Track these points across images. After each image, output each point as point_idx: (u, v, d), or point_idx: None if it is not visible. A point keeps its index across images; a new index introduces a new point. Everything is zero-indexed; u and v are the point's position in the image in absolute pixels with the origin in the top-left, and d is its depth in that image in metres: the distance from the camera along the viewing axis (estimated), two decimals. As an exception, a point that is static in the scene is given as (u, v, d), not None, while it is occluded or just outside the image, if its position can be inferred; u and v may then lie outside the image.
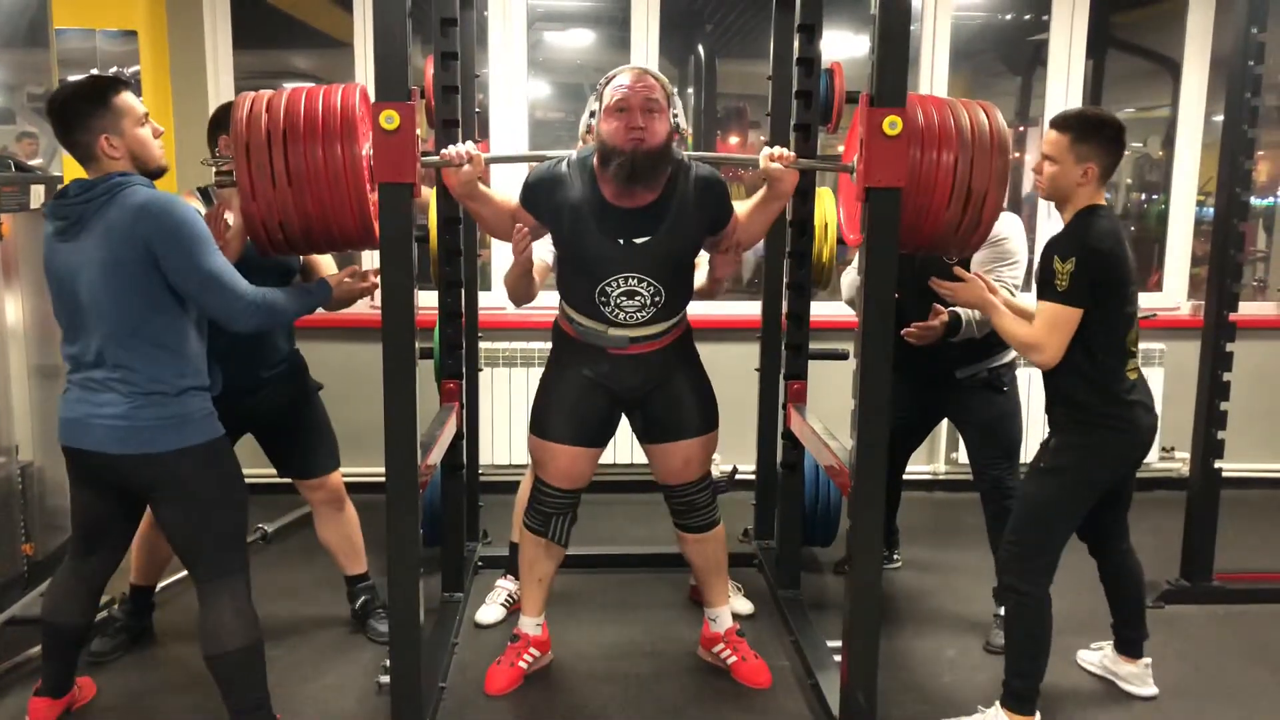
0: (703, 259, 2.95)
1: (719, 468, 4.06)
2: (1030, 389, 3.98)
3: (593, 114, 2.66)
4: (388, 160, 2.24)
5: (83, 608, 2.59)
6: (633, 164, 2.51)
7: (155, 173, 2.42)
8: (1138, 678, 2.88)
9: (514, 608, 3.29)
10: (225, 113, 2.97)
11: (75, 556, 2.60)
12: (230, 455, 2.47)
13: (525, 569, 2.97)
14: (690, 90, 5.52)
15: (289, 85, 2.40)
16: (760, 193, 2.69)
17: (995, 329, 2.65)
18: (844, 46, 5.04)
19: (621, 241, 2.65)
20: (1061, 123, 2.57)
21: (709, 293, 2.99)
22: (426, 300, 2.92)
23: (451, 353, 3.26)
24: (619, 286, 2.68)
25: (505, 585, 3.39)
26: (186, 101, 4.29)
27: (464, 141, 2.61)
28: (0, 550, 3.11)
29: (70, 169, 3.64)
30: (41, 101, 3.71)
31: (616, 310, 2.71)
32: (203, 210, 2.63)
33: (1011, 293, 2.97)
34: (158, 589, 3.22)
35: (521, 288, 2.88)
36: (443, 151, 2.53)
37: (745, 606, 3.36)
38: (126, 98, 2.37)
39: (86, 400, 2.34)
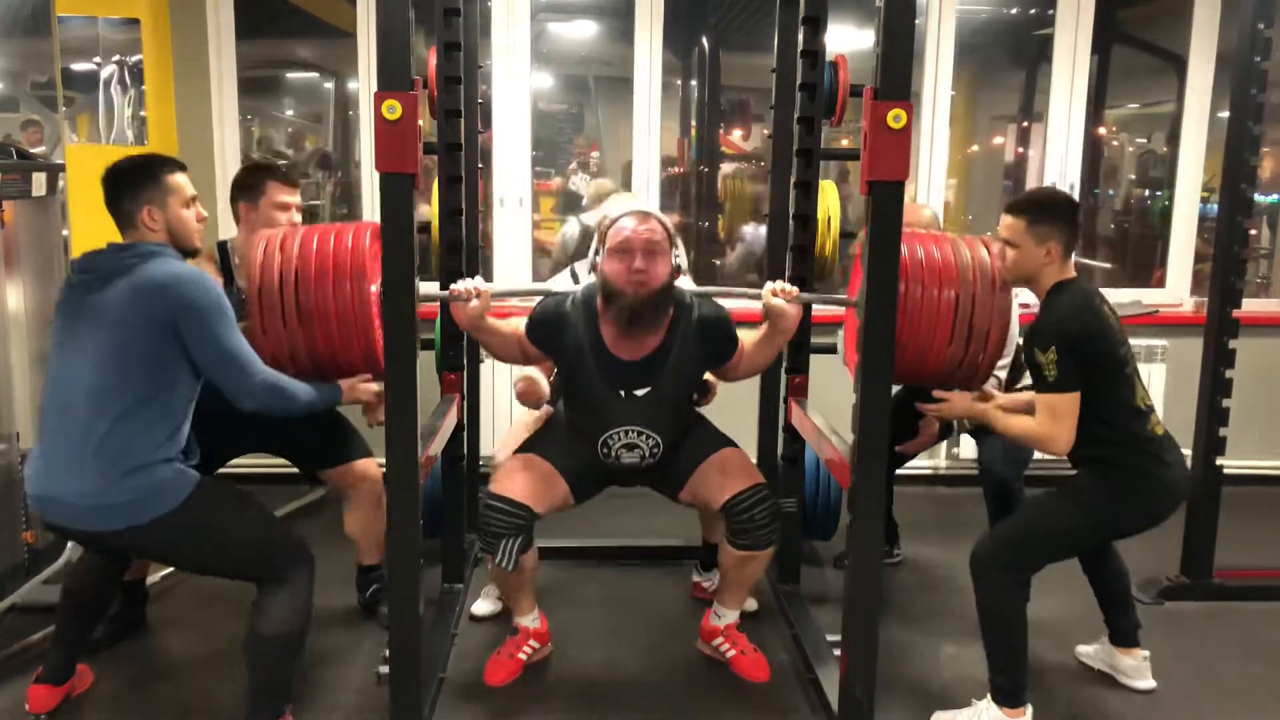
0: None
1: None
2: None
3: (598, 252, 2.73)
4: (390, 150, 2.23)
5: (101, 582, 2.64)
6: (634, 308, 2.62)
7: (189, 252, 2.50)
8: (1136, 670, 2.88)
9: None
10: (246, 176, 3.06)
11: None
12: (215, 489, 2.44)
13: (498, 585, 3.00)
14: (694, 82, 5.51)
15: (292, 74, 2.42)
16: (764, 327, 2.77)
17: (1000, 434, 2.66)
18: (848, 40, 5.03)
19: (623, 394, 2.75)
20: (1015, 207, 2.60)
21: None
22: (427, 291, 2.91)
23: (452, 344, 3.26)
24: (620, 440, 2.79)
25: (503, 578, 3.39)
26: (188, 90, 4.28)
27: (471, 276, 2.73)
28: (1, 538, 3.12)
29: (73, 158, 3.65)
30: (45, 89, 3.70)
31: (615, 459, 2.83)
32: (216, 266, 2.71)
33: (999, 379, 3.01)
34: (149, 581, 3.23)
35: (533, 402, 3.12)
36: (451, 287, 2.66)
37: (749, 604, 3.35)
38: (178, 178, 2.49)
39: (56, 473, 2.31)
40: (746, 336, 2.83)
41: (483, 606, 3.29)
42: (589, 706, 2.76)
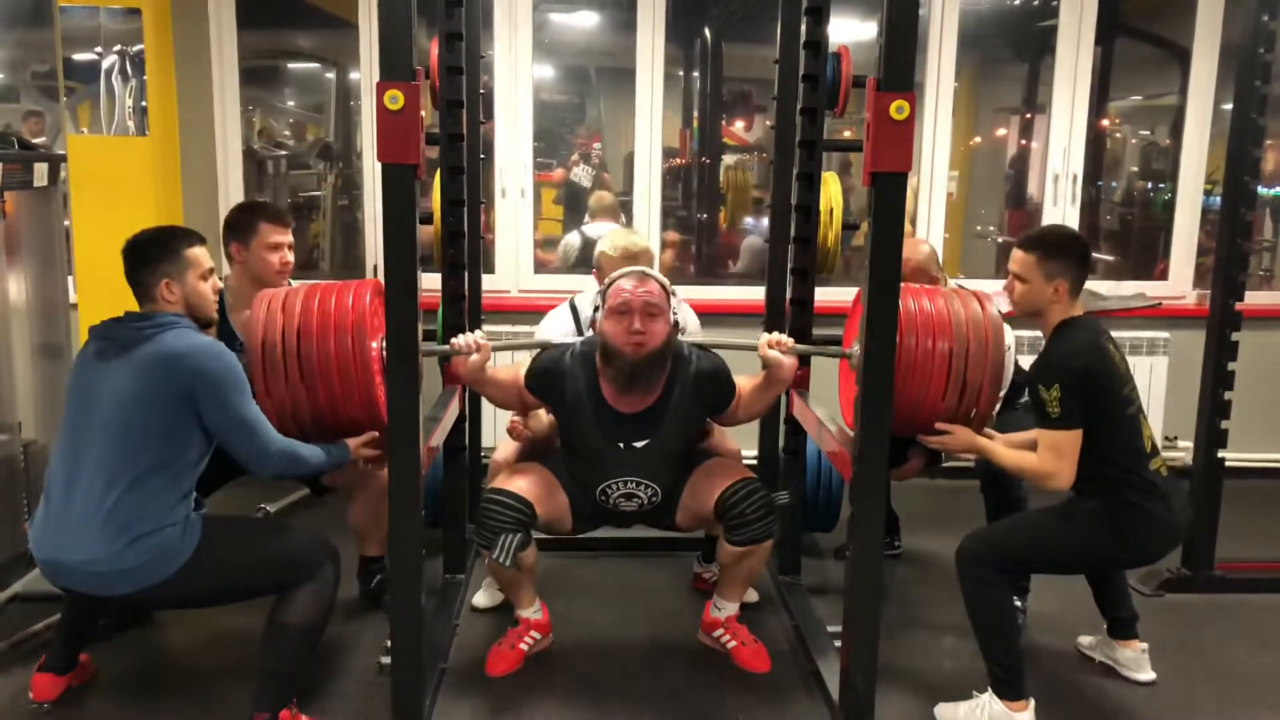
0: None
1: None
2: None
3: (597, 308, 2.78)
4: (391, 140, 2.23)
5: None
6: (633, 367, 2.67)
7: (204, 323, 2.53)
8: (1135, 662, 2.88)
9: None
10: (238, 216, 3.07)
11: None
12: (220, 530, 2.45)
13: (497, 580, 2.99)
14: (696, 73, 5.50)
15: (294, 65, 2.43)
16: (761, 376, 2.84)
17: (1002, 468, 2.68)
18: (851, 31, 5.02)
19: (621, 445, 2.79)
20: (1027, 243, 2.63)
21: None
22: (429, 282, 2.92)
23: (454, 335, 3.25)
24: (618, 489, 2.84)
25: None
26: (190, 80, 4.27)
27: (471, 331, 2.76)
28: (3, 528, 3.12)
29: (75, 149, 3.65)
30: (46, 79, 3.70)
31: (614, 507, 2.88)
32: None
33: (991, 417, 3.05)
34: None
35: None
36: (452, 341, 2.72)
37: (750, 595, 3.35)
38: (196, 251, 2.52)
39: (63, 539, 2.31)
40: (744, 384, 2.87)
41: (484, 598, 3.29)
42: (590, 697, 2.76)
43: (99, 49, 3.76)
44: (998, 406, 3.14)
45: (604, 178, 5.61)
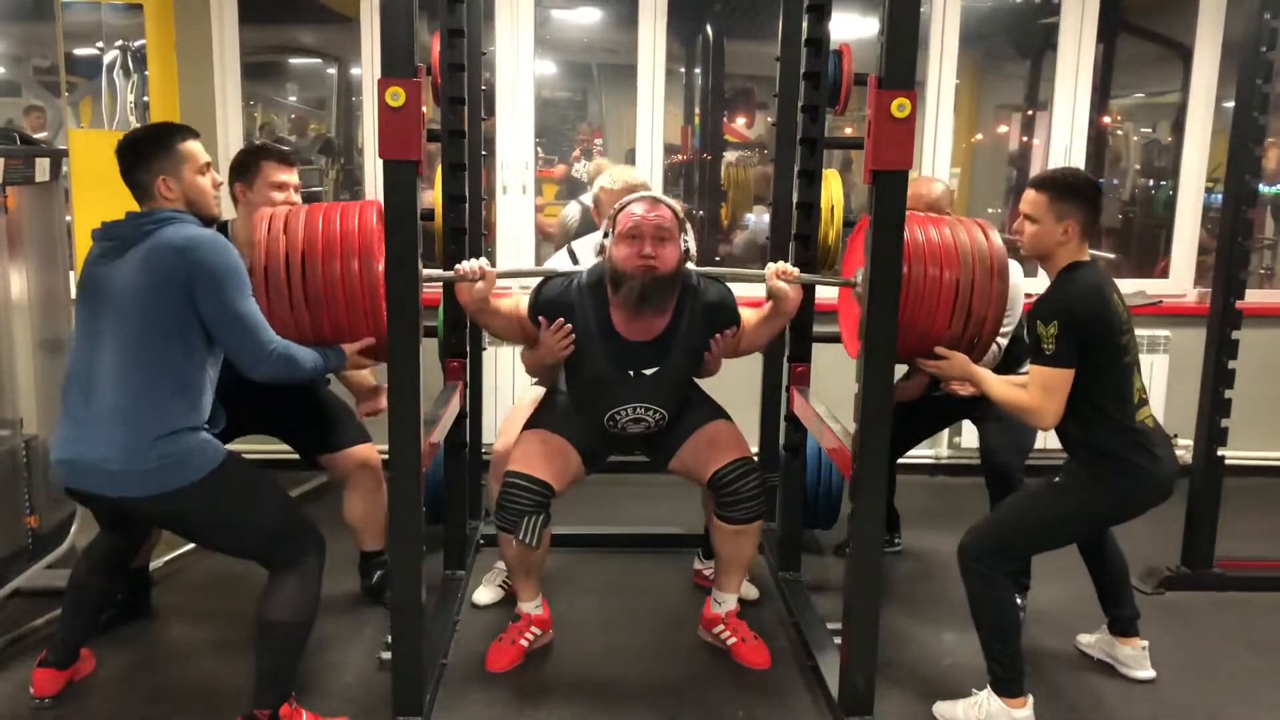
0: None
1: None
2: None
3: (607, 234, 2.75)
4: (393, 137, 2.23)
5: (107, 566, 2.66)
6: (642, 288, 2.64)
7: (206, 220, 2.49)
8: (1135, 660, 2.89)
9: (512, 590, 3.30)
10: (242, 157, 3.04)
11: (101, 530, 2.68)
12: (239, 468, 2.44)
13: (511, 565, 2.97)
14: (697, 70, 5.50)
15: (296, 60, 2.43)
16: (766, 307, 2.84)
17: (989, 398, 2.66)
18: (853, 27, 5.02)
19: (631, 373, 2.79)
20: (1039, 183, 2.62)
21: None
22: (433, 272, 2.92)
23: (455, 331, 3.26)
24: (627, 414, 2.84)
25: (503, 566, 3.39)
26: (191, 75, 4.27)
27: (475, 258, 2.72)
28: (4, 523, 3.13)
29: (76, 144, 3.64)
30: (47, 74, 3.70)
31: (621, 430, 2.88)
32: None
33: (1000, 346, 3.08)
34: (153, 566, 3.24)
35: (544, 372, 2.99)
36: (457, 267, 2.68)
37: (751, 592, 3.36)
38: (191, 145, 2.48)
39: (81, 439, 2.32)
40: (748, 315, 2.87)
41: (484, 595, 3.29)
42: (590, 693, 2.77)
43: (100, 44, 3.76)
44: (1004, 341, 3.14)
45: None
